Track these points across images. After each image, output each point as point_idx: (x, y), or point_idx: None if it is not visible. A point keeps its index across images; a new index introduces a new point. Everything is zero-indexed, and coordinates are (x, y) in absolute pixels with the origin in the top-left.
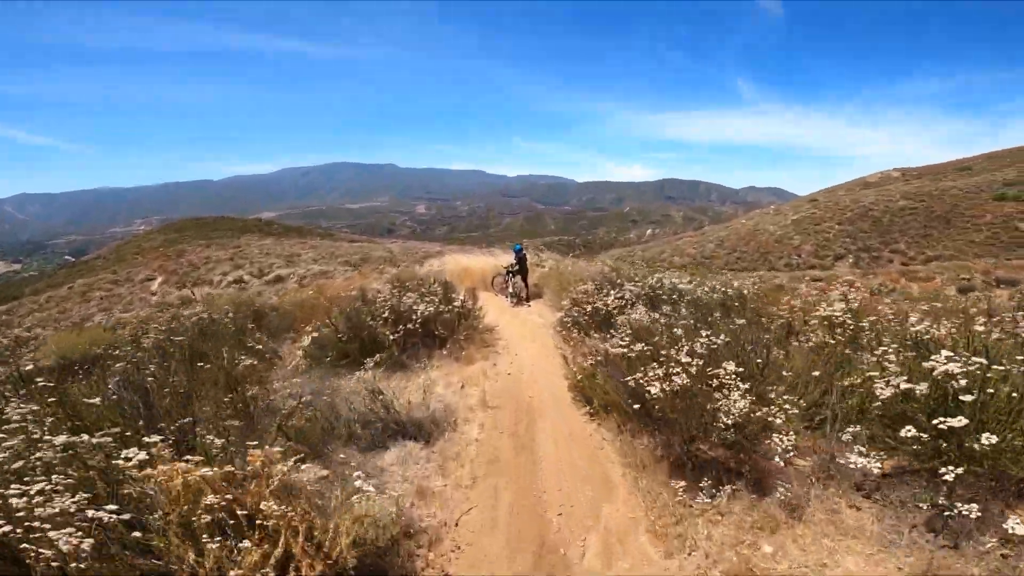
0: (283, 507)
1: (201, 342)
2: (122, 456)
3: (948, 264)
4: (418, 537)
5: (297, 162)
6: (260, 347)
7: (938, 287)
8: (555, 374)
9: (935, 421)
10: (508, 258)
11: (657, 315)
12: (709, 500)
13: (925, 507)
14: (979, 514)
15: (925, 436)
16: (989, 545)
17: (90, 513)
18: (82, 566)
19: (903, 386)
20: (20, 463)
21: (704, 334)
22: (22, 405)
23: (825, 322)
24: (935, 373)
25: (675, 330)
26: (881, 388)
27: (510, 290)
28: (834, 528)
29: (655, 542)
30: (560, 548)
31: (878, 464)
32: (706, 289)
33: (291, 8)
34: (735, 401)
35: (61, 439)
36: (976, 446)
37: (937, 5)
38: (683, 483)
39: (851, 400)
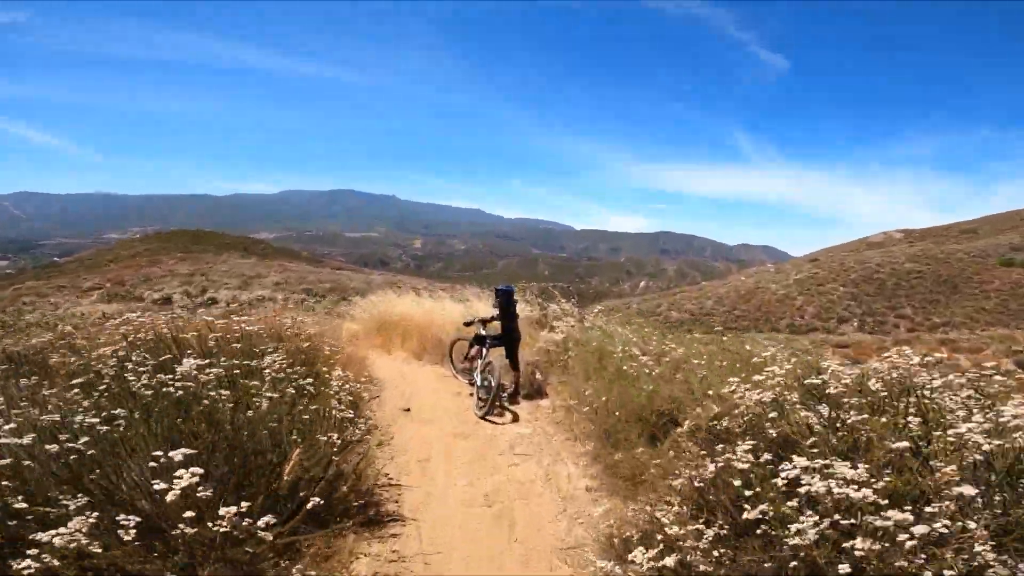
0: None
1: None
2: None
3: (992, 333)
4: None
5: (301, 185)
6: None
7: (993, 360)
8: None
9: None
10: (483, 308)
11: None
12: None
13: None
14: None
15: None
16: None
17: None
18: None
19: None
20: None
21: None
22: None
23: None
24: None
25: None
26: None
27: (478, 378)
28: None
29: None
30: None
31: None
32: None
33: (303, 31)
34: None
35: None
36: None
37: (930, 66)
38: None
39: None
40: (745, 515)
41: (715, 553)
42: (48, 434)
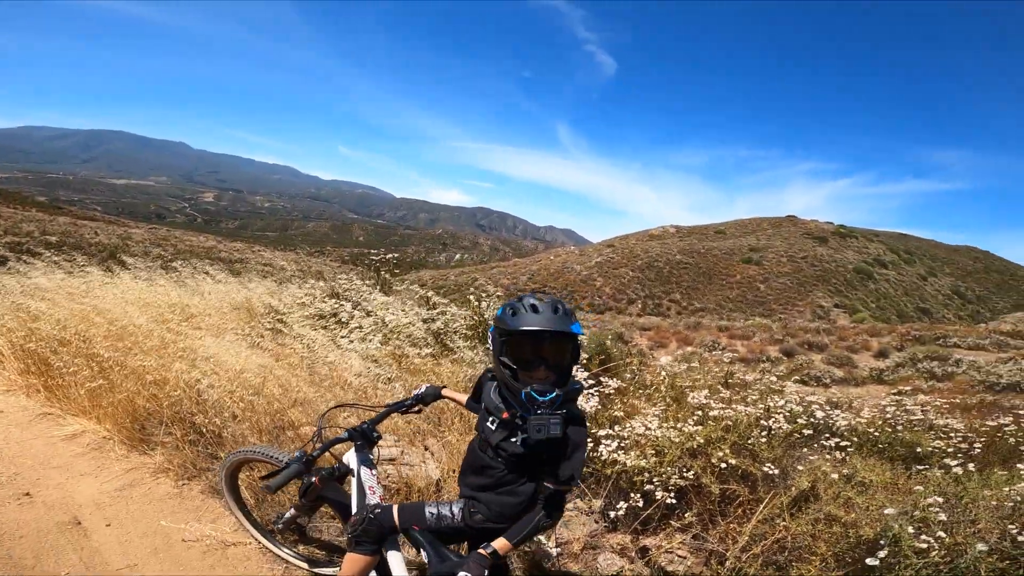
0: None
1: None
2: None
3: (754, 322)
4: None
5: (49, 121)
6: None
7: (762, 348)
8: None
9: None
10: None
11: None
12: None
13: None
14: None
15: None
16: None
17: None
18: None
19: None
20: None
21: None
22: None
23: None
24: None
25: None
26: None
27: None
28: None
29: None
30: None
31: None
32: None
33: None
34: None
35: None
36: None
37: (708, 87)
38: None
39: None
40: None
41: None
42: None
